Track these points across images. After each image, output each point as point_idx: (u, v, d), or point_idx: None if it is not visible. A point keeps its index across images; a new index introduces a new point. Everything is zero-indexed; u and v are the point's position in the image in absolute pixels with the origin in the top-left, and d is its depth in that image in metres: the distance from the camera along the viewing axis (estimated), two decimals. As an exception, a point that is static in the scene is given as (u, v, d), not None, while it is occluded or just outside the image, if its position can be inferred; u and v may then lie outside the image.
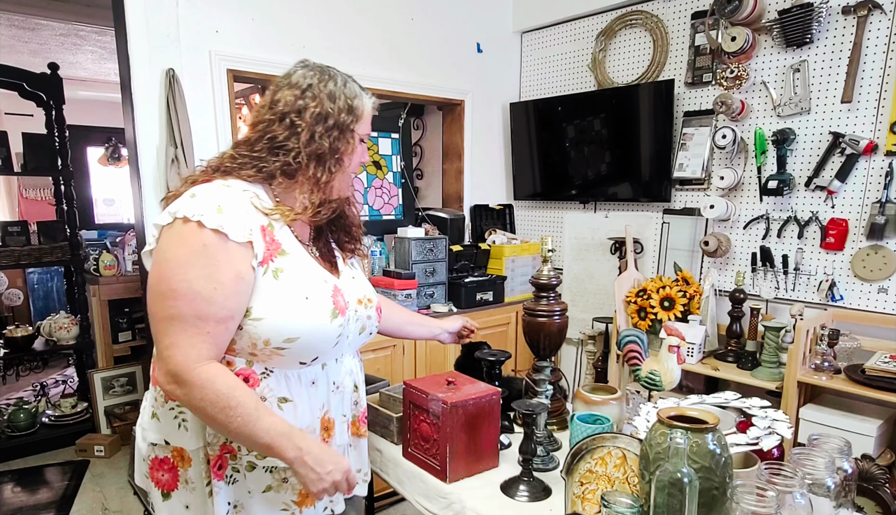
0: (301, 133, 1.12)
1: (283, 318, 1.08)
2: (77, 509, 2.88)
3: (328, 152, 1.15)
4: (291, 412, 1.15)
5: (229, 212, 1.04)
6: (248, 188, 1.12)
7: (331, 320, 1.14)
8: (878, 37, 2.24)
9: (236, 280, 1.03)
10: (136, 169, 2.33)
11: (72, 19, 3.86)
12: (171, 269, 1.02)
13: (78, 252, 3.73)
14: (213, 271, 1.01)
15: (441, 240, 2.97)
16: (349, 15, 2.85)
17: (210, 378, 1.01)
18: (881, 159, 2.26)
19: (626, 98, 3.00)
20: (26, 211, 5.71)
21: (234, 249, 1.03)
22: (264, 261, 1.08)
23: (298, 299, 1.10)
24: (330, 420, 1.25)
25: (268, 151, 1.13)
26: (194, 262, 1.01)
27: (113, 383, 3.64)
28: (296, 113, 1.13)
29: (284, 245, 1.12)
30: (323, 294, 1.14)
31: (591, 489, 1.12)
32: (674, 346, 1.44)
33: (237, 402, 1.01)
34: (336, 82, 1.16)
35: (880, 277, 2.28)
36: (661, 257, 2.98)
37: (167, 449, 1.17)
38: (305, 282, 1.12)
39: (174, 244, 1.03)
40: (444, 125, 3.54)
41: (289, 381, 1.15)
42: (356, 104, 1.18)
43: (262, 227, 1.09)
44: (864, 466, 1.37)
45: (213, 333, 1.03)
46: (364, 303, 1.28)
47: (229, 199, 1.06)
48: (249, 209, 1.08)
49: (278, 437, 1.04)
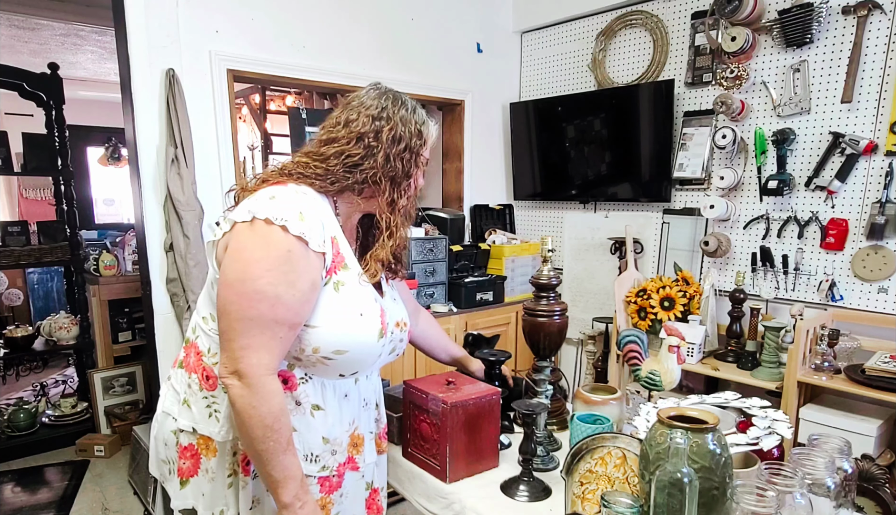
0: (377, 154, 1.15)
1: (337, 330, 1.11)
2: (77, 509, 2.88)
3: (401, 174, 1.19)
4: (322, 420, 1.17)
5: (310, 220, 1.06)
6: (317, 198, 1.14)
7: (378, 339, 1.17)
8: (878, 37, 2.24)
9: (312, 288, 1.07)
10: (136, 169, 2.33)
11: (72, 19, 3.85)
12: (257, 270, 1.03)
13: (78, 252, 3.73)
14: (295, 277, 1.04)
15: (441, 240, 2.97)
16: (349, 15, 2.85)
17: (272, 392, 1.04)
18: (881, 159, 2.26)
19: (626, 98, 3.00)
20: (26, 211, 5.71)
21: (312, 257, 1.06)
22: (329, 272, 1.11)
23: (354, 314, 1.13)
24: (360, 436, 1.26)
25: (343, 168, 1.15)
26: (279, 267, 1.03)
27: (113, 383, 3.64)
28: (373, 135, 1.15)
29: (347, 259, 1.16)
30: (374, 313, 1.17)
31: (591, 489, 1.12)
32: (674, 346, 1.44)
33: (279, 427, 1.04)
34: (407, 108, 1.20)
35: (880, 277, 2.28)
36: (661, 257, 2.98)
37: (194, 436, 1.18)
38: (361, 298, 1.15)
39: (259, 245, 1.04)
40: (444, 125, 3.54)
41: (324, 389, 1.17)
42: (424, 129, 1.22)
43: (333, 238, 1.13)
44: (864, 466, 1.37)
45: (285, 338, 1.05)
46: (401, 326, 1.29)
47: (309, 206, 1.08)
48: (325, 219, 1.11)
49: (289, 479, 1.05)
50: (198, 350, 1.19)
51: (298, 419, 1.14)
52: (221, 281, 1.06)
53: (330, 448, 1.19)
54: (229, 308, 1.04)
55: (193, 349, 1.20)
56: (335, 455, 1.20)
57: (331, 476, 1.20)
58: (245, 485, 1.16)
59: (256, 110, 4.00)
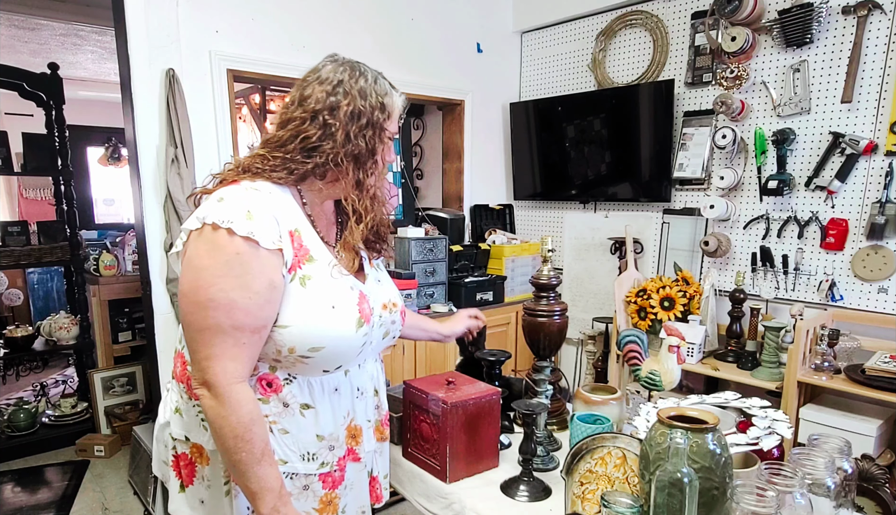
0: (336, 133, 1.08)
1: (309, 327, 1.06)
2: (77, 509, 2.88)
3: (365, 153, 1.12)
4: (313, 418, 1.14)
5: (259, 217, 1.01)
6: (274, 191, 1.09)
7: (356, 330, 1.11)
8: (878, 37, 2.24)
9: (270, 289, 1.02)
10: (136, 169, 2.33)
11: (72, 19, 3.85)
12: (207, 278, 0.99)
13: (78, 252, 3.73)
14: (248, 279, 0.99)
15: (441, 240, 2.97)
16: (349, 15, 2.85)
17: (241, 402, 1.01)
18: (881, 159, 2.26)
19: (626, 98, 3.00)
20: (26, 211, 5.71)
21: (265, 256, 1.01)
22: (292, 268, 1.06)
23: (325, 308, 1.07)
24: (357, 428, 1.22)
25: (301, 153, 1.09)
26: (229, 271, 0.99)
27: (113, 383, 3.64)
28: (328, 111, 1.09)
29: (312, 251, 1.10)
30: (349, 302, 1.11)
31: (591, 489, 1.12)
32: (674, 346, 1.44)
33: (251, 437, 1.01)
34: (367, 78, 1.13)
35: (880, 277, 2.28)
36: (661, 257, 2.98)
37: (187, 445, 1.17)
38: (332, 290, 1.09)
39: (207, 252, 1.00)
40: (444, 125, 3.54)
41: (311, 388, 1.13)
42: (387, 101, 1.14)
43: (291, 232, 1.07)
44: (864, 466, 1.36)
45: (248, 343, 1.02)
46: (389, 308, 1.24)
47: (258, 203, 1.03)
48: (279, 214, 1.05)
49: (265, 490, 1.03)
50: (184, 360, 1.17)
51: (289, 421, 1.11)
52: (178, 293, 1.04)
53: (326, 445, 1.17)
54: (188, 319, 1.01)
55: (180, 359, 1.18)
56: (334, 450, 1.18)
57: (332, 471, 1.18)
58: (238, 493, 1.13)
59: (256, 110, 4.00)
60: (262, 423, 1.04)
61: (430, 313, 2.90)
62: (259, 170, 1.09)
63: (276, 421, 1.11)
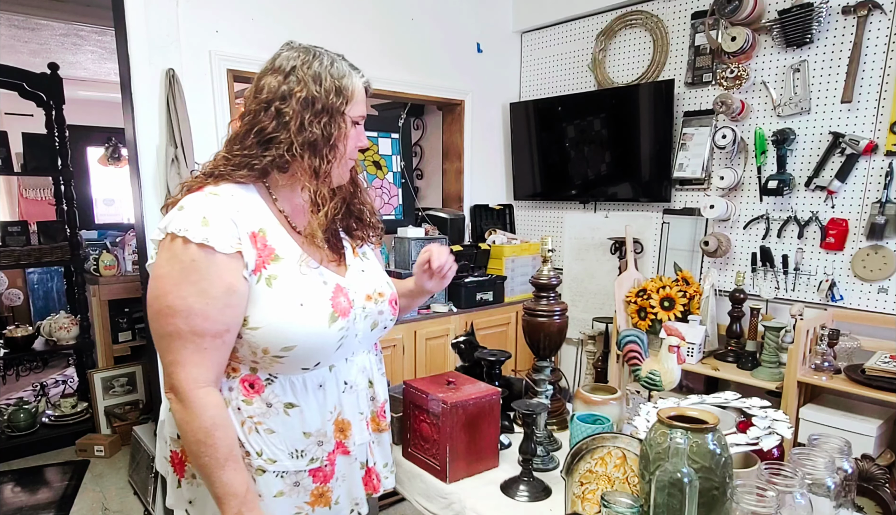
0: (290, 122, 1.06)
1: (278, 327, 1.05)
2: (77, 509, 2.88)
3: (321, 140, 1.08)
4: (298, 417, 1.13)
5: (215, 223, 1.01)
6: (237, 192, 1.08)
7: (329, 325, 1.10)
8: (878, 37, 2.24)
9: (228, 293, 1.01)
10: (136, 169, 2.33)
11: (72, 19, 3.85)
12: (166, 286, 1.01)
13: (78, 252, 3.73)
14: (205, 285, 1.00)
15: (441, 240, 2.97)
16: (349, 15, 2.85)
17: (204, 407, 1.01)
18: (881, 159, 2.26)
19: (626, 98, 3.00)
20: (26, 211, 5.71)
21: (222, 261, 1.01)
22: (257, 269, 1.05)
23: (293, 306, 1.06)
24: (345, 421, 1.21)
25: (258, 146, 1.08)
26: (185, 279, 1.00)
27: (113, 383, 3.64)
28: (280, 99, 1.07)
29: (279, 250, 1.09)
30: (320, 298, 1.10)
31: (591, 489, 1.12)
32: (674, 346, 1.44)
33: (213, 442, 1.01)
34: (322, 62, 1.09)
35: (880, 277, 2.28)
36: (661, 257, 2.98)
37: (178, 443, 1.17)
38: (300, 287, 1.08)
39: (166, 261, 1.02)
40: (444, 125, 3.54)
41: (294, 386, 1.12)
42: (345, 84, 1.11)
43: (253, 233, 1.06)
44: (864, 466, 1.37)
45: (210, 348, 1.02)
46: (374, 298, 1.22)
47: (215, 208, 1.03)
48: (240, 216, 1.05)
49: (229, 496, 1.03)
50: None
51: (274, 420, 1.11)
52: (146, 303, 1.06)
53: (315, 441, 1.16)
54: (153, 326, 1.04)
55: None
56: (322, 446, 1.17)
57: (323, 465, 1.17)
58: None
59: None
60: (226, 428, 1.04)
61: (430, 313, 2.90)
62: (221, 173, 1.09)
63: (262, 421, 1.11)
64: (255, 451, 1.11)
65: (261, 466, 1.12)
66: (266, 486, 1.13)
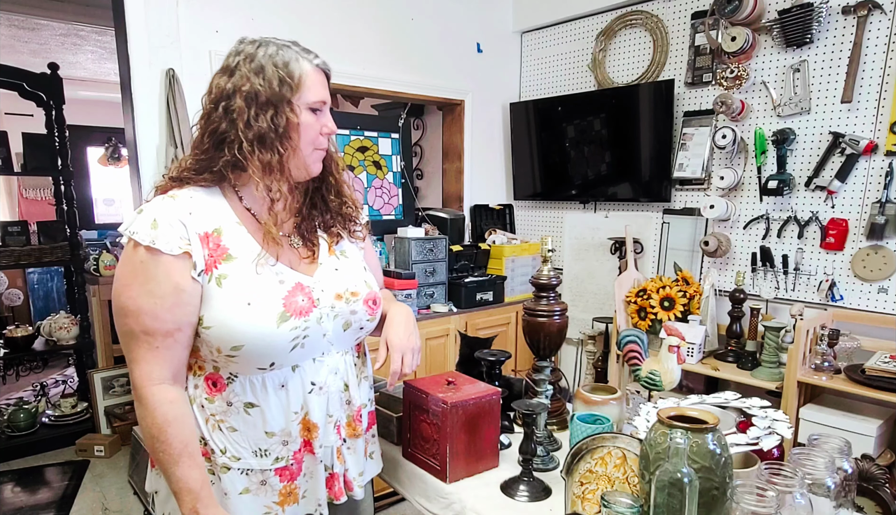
0: (237, 120, 1.05)
1: (226, 326, 1.05)
2: (77, 509, 2.88)
3: (270, 132, 1.06)
4: (260, 417, 1.12)
5: (163, 225, 1.03)
6: (197, 194, 1.09)
7: (278, 325, 1.07)
8: (878, 37, 2.24)
9: (176, 292, 1.03)
10: (136, 169, 2.33)
11: (72, 19, 3.85)
12: (119, 288, 1.04)
13: (78, 252, 3.73)
14: (152, 286, 1.02)
15: (441, 240, 2.97)
16: (349, 15, 2.85)
17: (156, 403, 1.04)
18: (881, 159, 2.26)
19: (626, 98, 3.00)
20: (26, 211, 5.71)
21: (169, 262, 1.02)
22: (208, 269, 1.06)
23: (240, 305, 1.06)
24: (312, 422, 1.17)
25: (213, 149, 1.08)
26: (134, 280, 1.03)
27: (113, 383, 3.64)
28: (227, 98, 1.06)
29: (233, 249, 1.08)
30: (270, 297, 1.08)
31: (591, 489, 1.12)
32: (674, 346, 1.44)
33: (165, 438, 1.03)
34: (266, 52, 1.06)
35: (880, 277, 2.28)
36: (661, 257, 2.98)
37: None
38: (250, 287, 1.07)
39: (121, 263, 1.06)
40: (444, 125, 3.54)
41: (254, 386, 1.11)
42: (292, 71, 1.07)
43: (206, 234, 1.06)
44: (864, 466, 1.37)
45: (162, 347, 1.04)
46: (346, 298, 1.18)
47: (165, 211, 1.04)
48: (191, 218, 1.05)
49: (184, 491, 1.05)
50: None
51: (235, 418, 1.12)
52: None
53: (279, 440, 1.14)
54: (116, 325, 1.08)
55: None
56: (288, 445, 1.15)
57: (289, 465, 1.16)
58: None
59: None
60: (180, 424, 1.05)
61: (430, 313, 2.90)
62: (186, 177, 1.11)
63: (224, 419, 1.12)
64: (220, 449, 1.12)
65: (225, 463, 1.12)
66: (231, 483, 1.13)
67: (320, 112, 1.13)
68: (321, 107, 1.13)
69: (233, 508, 1.13)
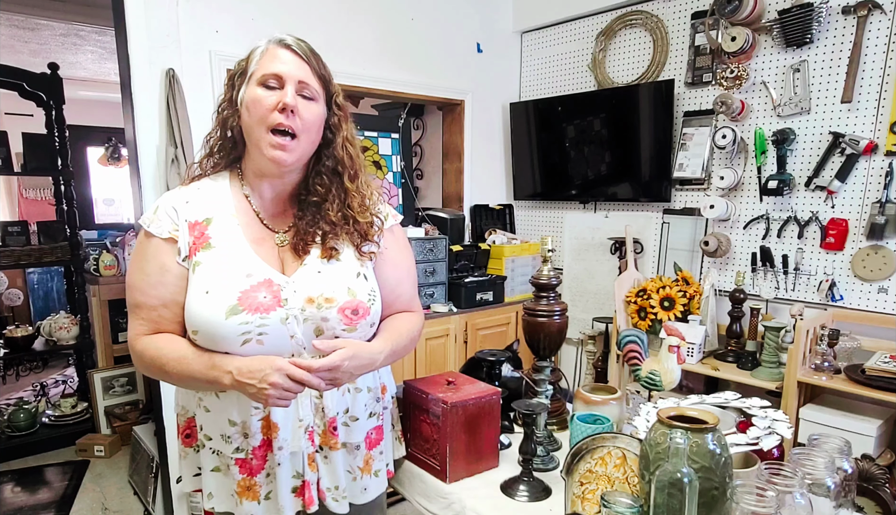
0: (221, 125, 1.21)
1: (189, 310, 1.12)
2: (77, 509, 2.88)
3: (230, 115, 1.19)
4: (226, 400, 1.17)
5: (160, 212, 1.15)
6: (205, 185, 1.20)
7: (226, 317, 1.06)
8: (878, 37, 2.24)
9: (160, 271, 1.13)
10: (136, 169, 2.33)
11: (72, 19, 3.85)
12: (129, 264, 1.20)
13: (78, 252, 3.73)
14: (143, 264, 1.14)
15: (441, 240, 2.97)
16: (349, 15, 2.85)
17: (144, 348, 1.14)
18: (881, 159, 2.26)
19: (626, 98, 3.00)
20: (26, 211, 5.71)
21: (158, 244, 1.14)
22: (190, 255, 1.14)
23: (201, 292, 1.10)
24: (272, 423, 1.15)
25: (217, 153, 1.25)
26: (135, 258, 1.17)
27: (113, 383, 3.64)
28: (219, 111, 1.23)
29: (214, 239, 1.14)
30: (228, 289, 1.08)
31: (591, 489, 1.12)
32: (674, 346, 1.44)
33: (166, 360, 1.11)
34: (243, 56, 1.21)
35: (880, 277, 2.28)
36: (661, 257, 2.98)
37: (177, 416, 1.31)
38: (214, 276, 1.10)
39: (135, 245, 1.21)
40: (444, 125, 3.54)
41: None
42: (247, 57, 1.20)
43: (197, 222, 1.15)
44: (864, 466, 1.36)
45: (147, 320, 1.14)
46: (318, 303, 1.12)
47: (166, 200, 1.17)
48: (186, 207, 1.15)
49: (209, 371, 1.09)
50: None
51: (209, 400, 1.18)
52: None
53: (239, 430, 1.16)
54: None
55: None
56: (248, 439, 1.16)
57: (248, 458, 1.17)
58: (186, 455, 1.27)
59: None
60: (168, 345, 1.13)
61: (430, 313, 2.90)
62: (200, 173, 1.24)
63: (202, 398, 1.20)
64: (199, 425, 1.21)
65: (201, 440, 1.21)
66: (205, 459, 1.21)
67: (276, 89, 1.10)
68: (274, 81, 1.10)
69: (207, 482, 1.21)
